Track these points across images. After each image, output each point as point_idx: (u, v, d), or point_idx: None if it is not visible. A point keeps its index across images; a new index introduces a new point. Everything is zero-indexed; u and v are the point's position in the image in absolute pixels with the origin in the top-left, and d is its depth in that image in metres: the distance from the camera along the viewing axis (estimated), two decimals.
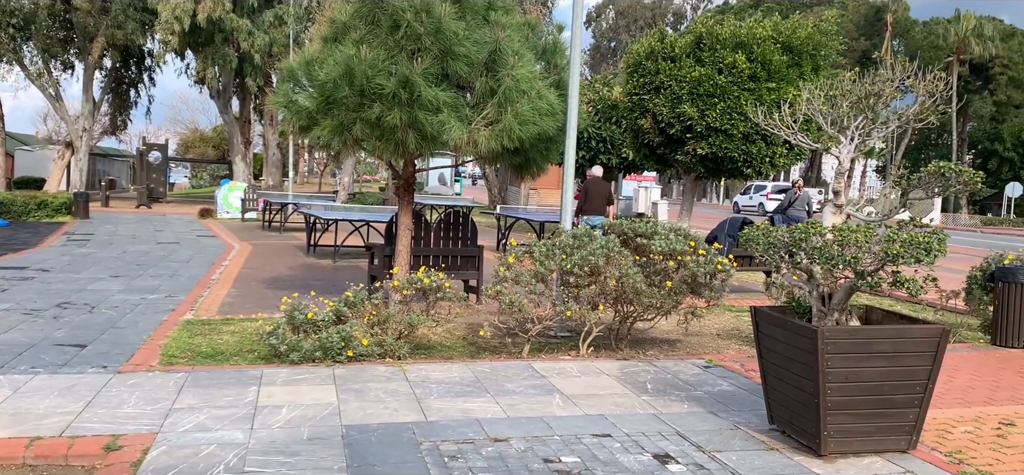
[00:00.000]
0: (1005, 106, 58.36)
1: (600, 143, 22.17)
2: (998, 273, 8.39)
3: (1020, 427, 5.48)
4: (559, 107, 7.71)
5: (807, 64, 13.91)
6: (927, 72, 5.10)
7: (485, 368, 6.66)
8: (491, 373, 6.50)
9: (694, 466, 4.56)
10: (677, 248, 7.29)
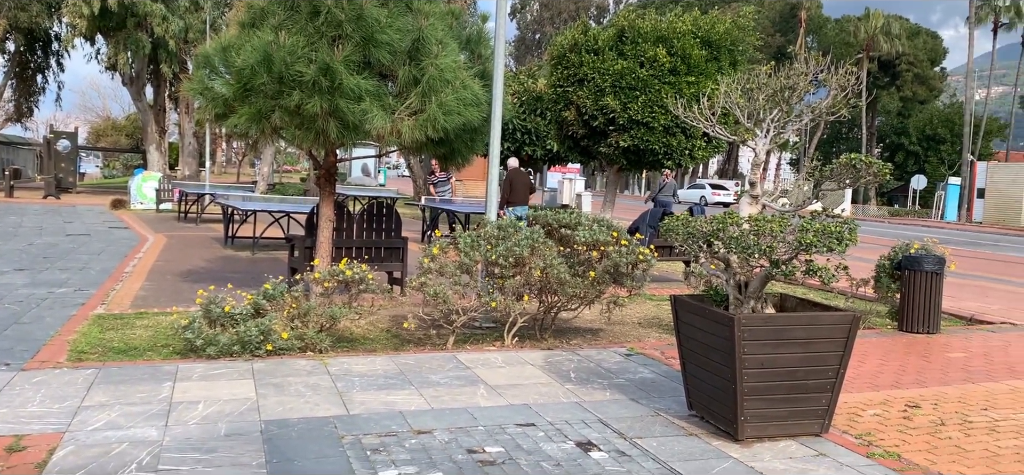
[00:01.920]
0: (911, 101, 61.00)
1: (525, 135, 22.23)
2: (904, 262, 8.76)
3: (924, 409, 5.73)
4: (483, 98, 7.69)
5: (725, 58, 14.22)
6: (839, 67, 5.27)
7: (409, 360, 6.61)
8: (415, 365, 6.45)
9: (616, 453, 4.62)
10: (600, 239, 7.37)
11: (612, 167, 16.08)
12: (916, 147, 56.18)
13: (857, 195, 50.67)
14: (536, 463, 4.42)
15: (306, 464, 4.29)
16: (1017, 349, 7.98)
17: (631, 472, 4.32)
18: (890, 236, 24.17)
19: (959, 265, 12.99)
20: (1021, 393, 6.28)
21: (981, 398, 6.08)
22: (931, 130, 55.91)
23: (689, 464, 4.47)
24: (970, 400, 6.01)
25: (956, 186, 44.27)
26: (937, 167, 54.06)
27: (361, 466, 4.28)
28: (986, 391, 6.30)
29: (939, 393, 6.18)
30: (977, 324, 9.46)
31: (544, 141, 21.79)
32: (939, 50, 63.22)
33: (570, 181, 36.71)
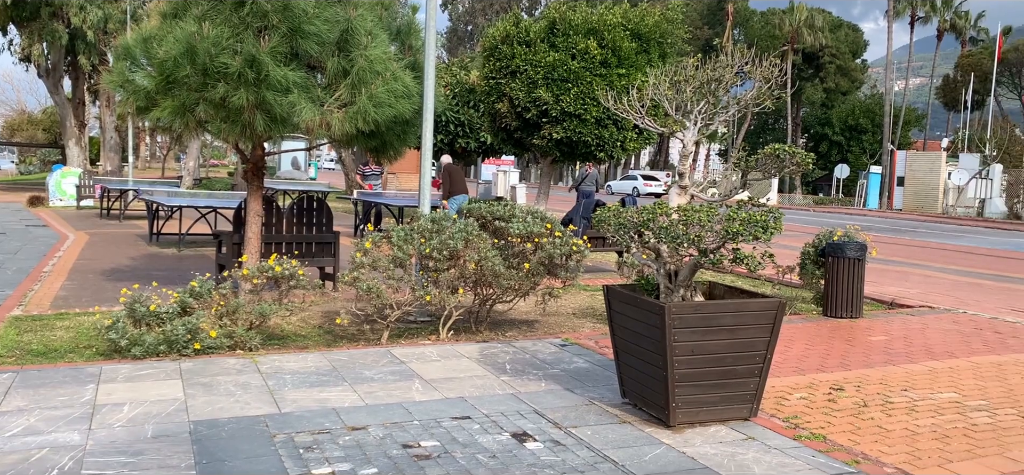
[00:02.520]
0: (834, 93, 62.84)
1: (458, 127, 22.18)
2: (828, 249, 9.02)
3: (848, 391, 5.92)
4: (415, 89, 7.63)
5: (655, 51, 14.42)
6: (764, 59, 5.38)
7: (342, 356, 6.53)
8: (349, 361, 6.38)
9: (551, 443, 4.64)
10: (534, 231, 7.40)
11: (546, 159, 16.16)
12: (839, 137, 57.93)
13: (783, 184, 52.01)
14: (471, 456, 4.41)
15: (237, 464, 4.20)
16: (935, 331, 8.30)
17: (565, 461, 4.36)
18: (815, 224, 24.87)
19: (880, 251, 13.45)
20: (938, 373, 6.54)
21: (901, 379, 6.31)
22: (853, 120, 57.72)
23: (622, 451, 4.53)
24: (891, 381, 6.23)
25: (877, 175, 45.78)
26: (859, 156, 55.84)
27: (294, 465, 4.21)
28: (906, 372, 6.54)
29: (862, 375, 6.38)
30: (898, 308, 9.81)
31: (478, 133, 21.78)
32: (860, 43, 65.31)
33: (505, 173, 36.76)
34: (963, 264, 16.36)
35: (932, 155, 43.42)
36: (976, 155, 41.15)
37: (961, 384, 6.21)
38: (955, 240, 23.58)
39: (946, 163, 41.06)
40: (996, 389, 6.09)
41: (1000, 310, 9.83)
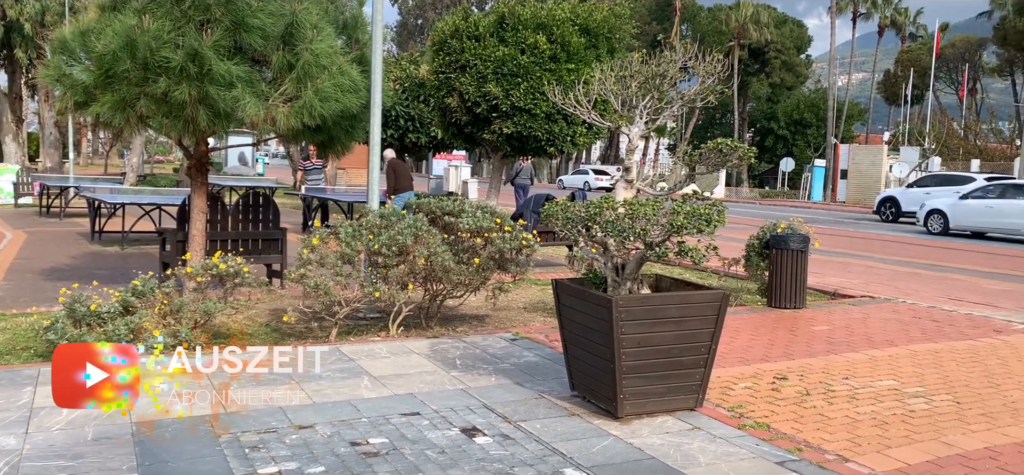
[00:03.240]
0: (779, 87, 63.98)
1: (408, 122, 22.04)
2: (772, 241, 9.19)
3: (791, 380, 6.04)
4: (362, 84, 7.57)
5: (603, 46, 14.52)
6: (710, 55, 5.46)
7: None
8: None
9: (500, 437, 4.66)
10: (484, 225, 7.40)
11: (497, 154, 16.17)
12: (784, 131, 58.99)
13: (730, 178, 52.79)
14: (420, 452, 4.40)
15: (180, 465, 4.13)
16: (875, 321, 8.52)
17: (514, 455, 4.38)
18: (761, 217, 25.30)
19: (823, 242, 13.72)
20: (878, 362, 6.72)
21: (842, 368, 6.46)
22: (798, 115, 58.81)
23: (571, 443, 4.56)
24: (833, 370, 6.38)
25: (821, 168, 46.74)
26: (804, 150, 56.94)
27: (239, 464, 4.16)
28: (847, 361, 6.70)
29: (805, 365, 6.52)
30: (840, 298, 10.04)
31: (428, 128, 21.68)
32: (804, 38, 66.60)
33: (456, 168, 36.70)
34: (903, 255, 16.81)
35: (874, 148, 44.49)
36: (916, 148, 42.28)
37: (900, 372, 6.39)
38: (896, 231, 24.21)
39: (887, 156, 42.09)
40: (932, 376, 6.27)
41: (937, 299, 10.13)
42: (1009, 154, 40.28)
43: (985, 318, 8.81)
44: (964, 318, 8.77)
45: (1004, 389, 5.93)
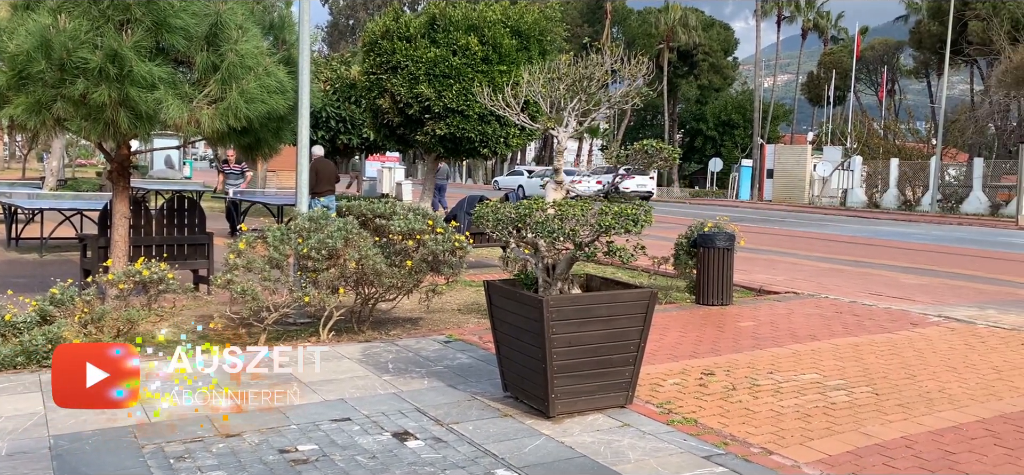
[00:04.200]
0: (708, 89, 65.25)
1: (340, 123, 21.80)
2: (699, 240, 9.38)
3: (718, 376, 6.18)
4: (289, 85, 7.46)
5: (535, 48, 14.60)
6: (639, 57, 5.54)
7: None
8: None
9: (432, 440, 4.64)
10: (416, 227, 7.36)
11: (430, 155, 16.11)
12: (713, 132, 60.25)
13: (662, 178, 53.67)
14: (351, 457, 4.36)
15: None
16: (799, 316, 8.77)
17: (446, 458, 4.37)
18: (691, 216, 25.78)
19: (750, 240, 14.06)
20: (801, 356, 6.92)
21: (767, 362, 6.63)
22: (726, 116, 60.10)
23: (503, 444, 4.58)
24: (758, 365, 6.55)
25: (748, 168, 47.88)
26: (732, 150, 58.21)
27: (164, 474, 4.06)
28: (772, 356, 6.88)
29: (731, 360, 6.68)
30: (765, 294, 10.31)
31: (360, 130, 21.47)
32: (731, 41, 68.12)
33: (390, 170, 36.41)
34: (826, 251, 17.35)
35: (798, 148, 45.78)
36: (838, 148, 43.64)
37: (822, 365, 6.59)
38: (819, 228, 24.96)
39: (811, 156, 43.36)
40: (853, 369, 6.49)
41: (858, 294, 10.48)
42: (926, 153, 41.86)
43: (903, 312, 9.15)
44: (883, 312, 9.10)
45: (919, 380, 6.17)
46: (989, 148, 41.20)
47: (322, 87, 21.33)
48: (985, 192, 35.62)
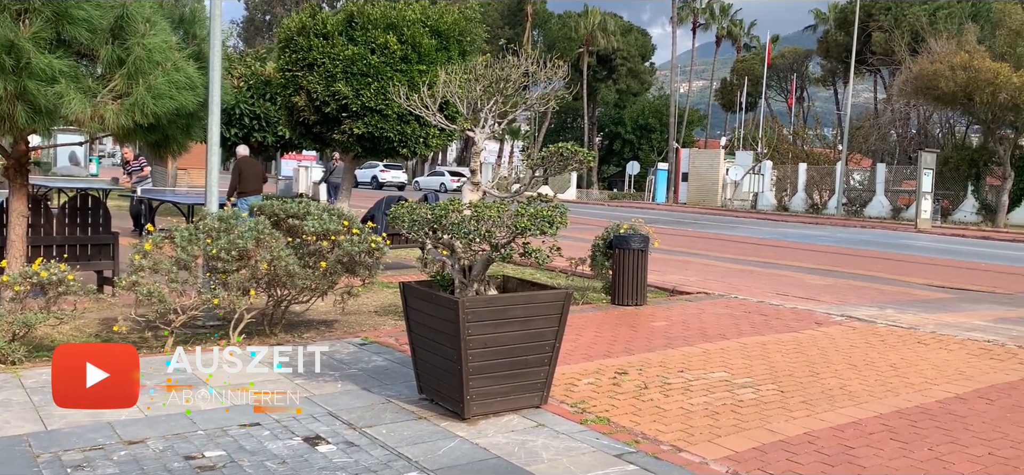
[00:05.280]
0: (626, 94, 66.36)
1: (254, 120, 21.30)
2: (615, 241, 9.53)
3: (631, 375, 6.28)
4: (199, 81, 7.26)
5: (455, 48, 14.55)
6: (554, 60, 5.59)
7: None
8: None
9: (344, 444, 4.58)
10: (331, 228, 7.24)
11: (347, 155, 15.88)
12: (631, 136, 61.31)
13: (581, 180, 54.32)
14: (260, 463, 4.26)
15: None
16: (710, 315, 8.99)
17: (359, 462, 4.32)
18: (608, 218, 26.17)
19: (665, 242, 14.37)
20: (711, 355, 7.09)
21: (679, 361, 6.78)
22: (643, 120, 61.23)
23: (417, 447, 4.55)
24: (670, 364, 6.69)
25: (664, 171, 48.93)
26: (649, 154, 59.36)
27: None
28: (683, 355, 7.04)
29: (644, 359, 6.80)
30: (678, 295, 10.54)
31: (275, 127, 21.02)
32: (648, 46, 69.43)
33: (307, 168, 35.79)
34: (737, 253, 17.85)
35: (712, 153, 47.00)
36: (750, 153, 44.99)
37: (731, 364, 6.77)
38: (731, 231, 25.68)
39: (724, 160, 44.60)
40: (760, 367, 6.69)
41: (767, 294, 10.82)
42: (832, 159, 43.56)
43: (808, 311, 9.49)
44: (789, 312, 9.42)
45: (822, 378, 6.41)
46: (891, 154, 43.10)
47: (236, 84, 20.78)
48: (887, 196, 37.30)
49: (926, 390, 6.13)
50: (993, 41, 31.51)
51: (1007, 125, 31.99)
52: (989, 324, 9.18)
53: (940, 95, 31.44)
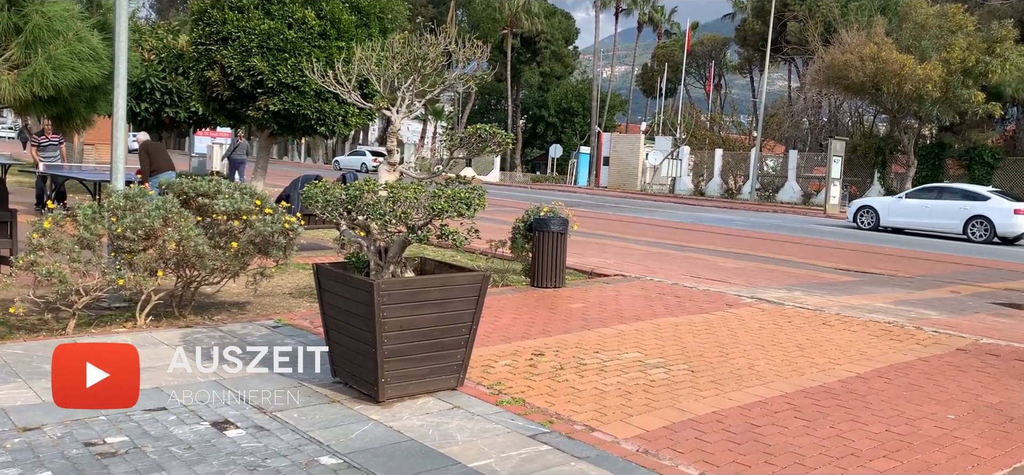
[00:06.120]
0: (549, 77, 66.67)
1: (166, 95, 20.58)
2: (535, 224, 9.57)
3: (548, 356, 6.33)
4: (104, 53, 6.95)
5: (375, 26, 14.34)
6: (474, 41, 5.54)
7: (17, 350, 5.81)
8: (24, 355, 5.69)
9: (254, 429, 4.48)
10: (243, 207, 7.05)
11: (263, 132, 15.50)
12: (554, 119, 61.66)
13: (505, 163, 54.41)
14: (164, 449, 4.13)
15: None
16: (626, 297, 9.13)
17: (268, 446, 4.23)
18: (531, 200, 26.28)
19: (585, 225, 14.51)
20: (626, 335, 7.21)
21: (594, 343, 6.87)
22: (566, 104, 61.64)
23: (329, 431, 4.49)
24: (585, 345, 6.76)
25: (586, 155, 49.44)
26: (572, 137, 59.85)
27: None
28: (599, 336, 7.13)
29: (561, 341, 6.86)
30: (596, 277, 10.66)
31: (188, 103, 20.36)
32: (572, 30, 69.84)
33: (221, 146, 34.78)
34: (654, 236, 18.18)
35: (632, 137, 47.67)
36: (669, 138, 45.83)
37: (644, 344, 6.89)
38: (649, 214, 26.13)
39: (644, 145, 45.31)
40: (672, 347, 6.84)
41: (681, 277, 11.05)
42: (747, 145, 44.71)
43: (720, 293, 9.73)
44: (702, 294, 9.64)
45: (731, 358, 6.58)
46: (803, 141, 44.52)
47: (146, 57, 20.03)
48: (799, 182, 38.54)
49: (829, 370, 6.36)
50: (900, 33, 32.80)
51: (911, 115, 33.41)
52: (890, 306, 9.59)
53: (850, 85, 32.62)
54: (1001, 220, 21.50)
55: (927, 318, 8.86)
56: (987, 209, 21.84)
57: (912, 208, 23.41)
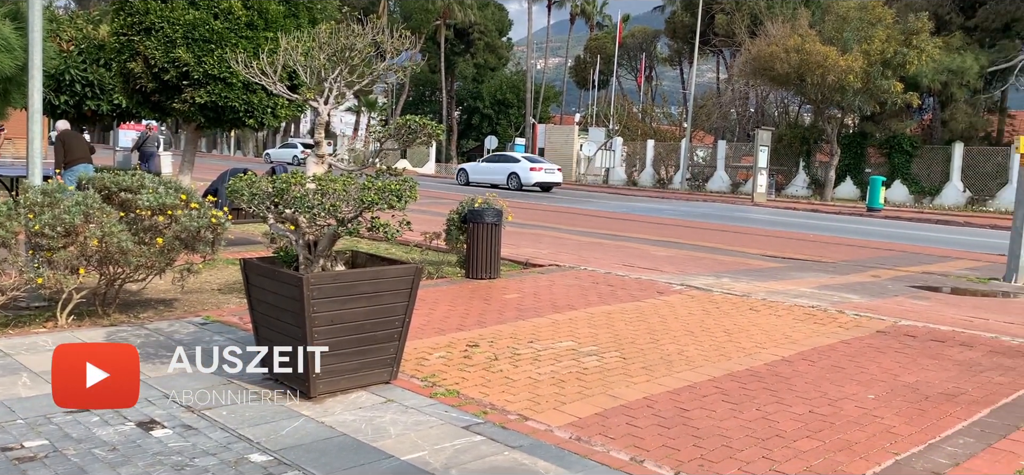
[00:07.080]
0: (484, 68, 66.60)
1: (87, 87, 19.87)
2: (469, 215, 9.57)
3: (482, 347, 6.34)
4: (17, 43, 6.69)
5: (304, 16, 14.10)
6: (407, 32, 5.50)
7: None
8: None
9: (181, 428, 4.39)
10: (167, 202, 6.87)
11: (190, 125, 15.10)
12: (490, 110, 61.65)
13: (441, 155, 54.18)
14: (87, 451, 4.02)
15: None
16: (560, 287, 9.21)
17: (196, 445, 4.14)
18: (466, 192, 26.22)
19: (519, 216, 14.57)
20: (560, 324, 7.27)
21: (529, 332, 6.91)
22: (501, 95, 61.67)
23: (259, 428, 4.42)
24: (520, 335, 6.80)
25: (522, 145, 49.54)
26: (507, 129, 59.93)
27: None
28: (533, 326, 7.18)
29: (495, 332, 6.88)
30: (531, 267, 10.72)
31: (111, 95, 19.69)
32: (505, 22, 69.88)
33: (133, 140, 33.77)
34: (588, 226, 18.36)
35: (567, 128, 48.02)
36: (602, 129, 46.28)
37: (578, 333, 6.97)
38: (583, 205, 26.38)
39: (578, 136, 45.69)
40: (605, 335, 6.92)
41: (614, 265, 11.19)
42: (678, 136, 45.49)
43: (651, 281, 9.89)
44: (634, 282, 9.78)
45: (662, 344, 6.71)
46: (731, 132, 45.50)
47: (65, 47, 19.30)
48: (727, 172, 39.39)
49: (756, 354, 6.53)
50: (823, 26, 33.75)
51: (834, 105, 34.43)
52: (814, 291, 9.89)
53: (776, 76, 33.45)
54: (524, 175, 33.62)
55: (849, 302, 9.16)
56: (518, 168, 34.06)
57: (485, 168, 35.74)
